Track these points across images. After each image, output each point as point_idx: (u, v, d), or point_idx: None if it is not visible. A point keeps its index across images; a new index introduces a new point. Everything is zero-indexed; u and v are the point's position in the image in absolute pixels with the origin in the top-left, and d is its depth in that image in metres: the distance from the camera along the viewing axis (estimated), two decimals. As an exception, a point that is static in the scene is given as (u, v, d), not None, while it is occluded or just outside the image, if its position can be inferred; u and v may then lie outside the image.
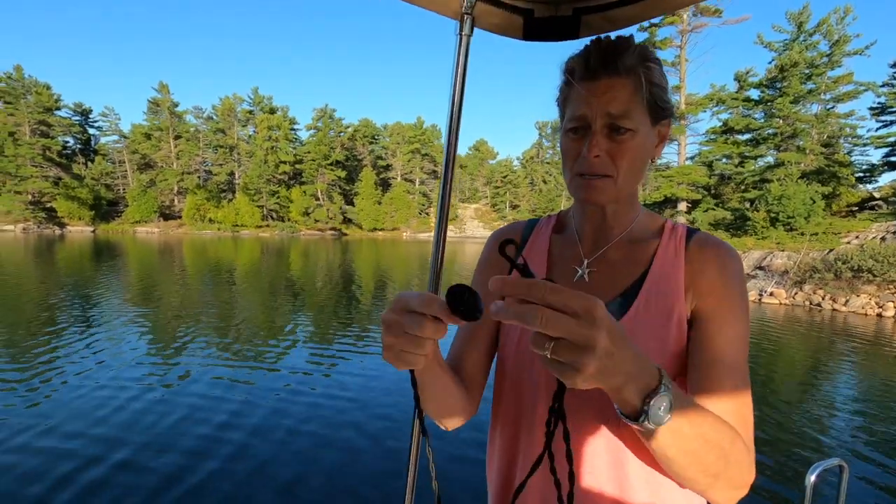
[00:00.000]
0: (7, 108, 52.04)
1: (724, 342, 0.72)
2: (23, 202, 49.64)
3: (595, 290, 0.80)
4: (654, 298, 0.76)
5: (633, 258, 0.82)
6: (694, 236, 0.81)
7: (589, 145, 0.73)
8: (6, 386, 5.37)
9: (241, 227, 55.51)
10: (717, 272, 0.76)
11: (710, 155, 31.08)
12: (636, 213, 0.86)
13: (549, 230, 0.93)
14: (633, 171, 0.76)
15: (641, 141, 0.75)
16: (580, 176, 0.76)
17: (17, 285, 13.74)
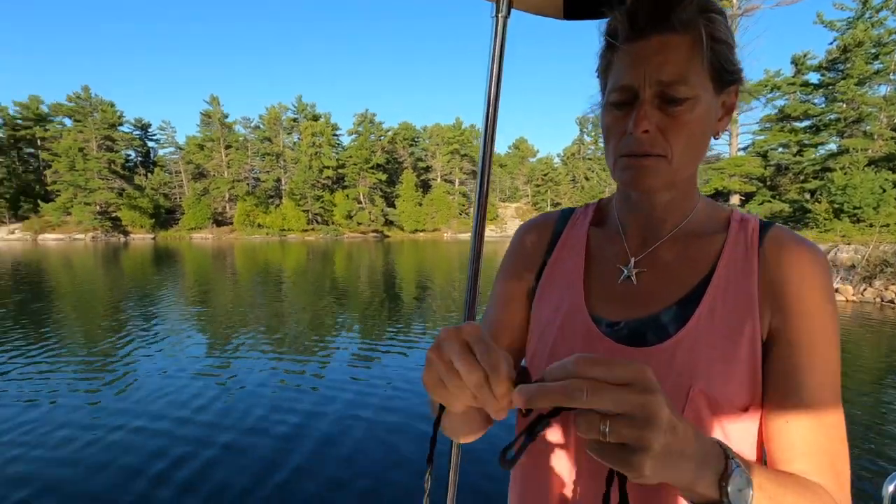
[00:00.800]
0: (77, 125, 56.36)
1: (818, 379, 0.58)
2: (92, 212, 53.45)
3: (645, 295, 0.68)
4: (721, 309, 0.62)
5: (691, 257, 0.67)
6: (769, 231, 0.66)
7: (636, 119, 0.59)
8: (94, 375, 5.81)
9: (287, 232, 57.45)
10: (803, 281, 0.61)
11: (764, 144, 29.47)
12: (694, 202, 0.70)
13: (588, 222, 0.79)
14: (691, 151, 0.62)
15: (702, 113, 0.60)
16: (626, 157, 0.62)
17: (90, 291, 14.81)
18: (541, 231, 0.81)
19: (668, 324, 0.64)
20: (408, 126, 68.33)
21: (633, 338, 0.65)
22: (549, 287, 0.75)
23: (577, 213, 0.81)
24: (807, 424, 0.58)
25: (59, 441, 4.20)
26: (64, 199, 53.28)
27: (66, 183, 53.32)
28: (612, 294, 0.70)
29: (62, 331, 8.71)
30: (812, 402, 0.58)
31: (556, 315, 0.71)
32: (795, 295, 0.61)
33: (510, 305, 0.79)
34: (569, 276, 0.74)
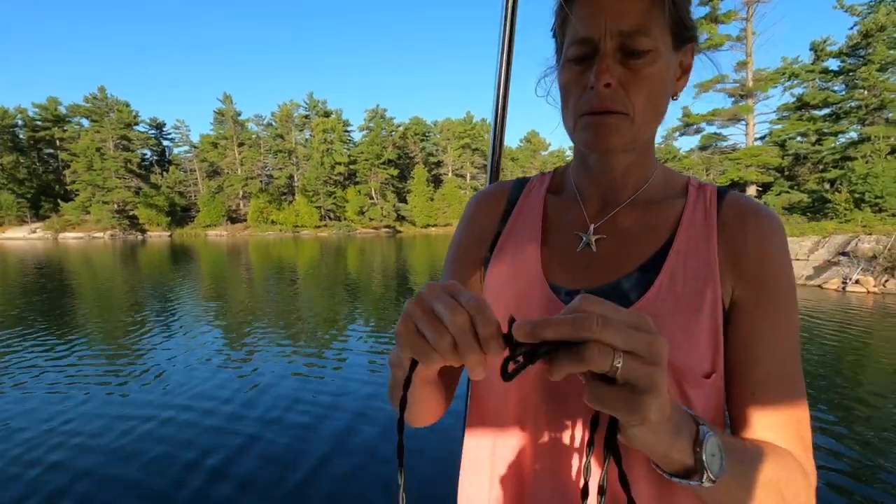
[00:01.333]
0: (94, 125, 57.41)
1: (778, 347, 0.58)
2: (110, 211, 54.48)
3: (605, 262, 0.65)
4: (682, 275, 0.60)
5: (651, 224, 0.66)
6: (726, 197, 0.65)
7: (597, 71, 0.56)
8: (122, 369, 5.97)
9: (301, 228, 57.94)
10: (762, 248, 0.60)
11: (782, 133, 28.90)
12: (652, 167, 0.68)
13: (544, 189, 0.76)
14: (652, 108, 0.59)
15: (663, 68, 0.58)
16: (587, 115, 0.59)
17: (109, 288, 15.14)
18: (494, 201, 0.78)
19: (629, 291, 0.62)
20: (419, 121, 68.28)
21: None
22: (503, 257, 0.72)
23: (532, 181, 0.78)
24: (773, 393, 0.57)
25: (94, 431, 4.33)
26: (83, 199, 54.41)
27: (84, 182, 54.42)
28: (572, 262, 0.67)
29: (88, 326, 8.93)
30: (776, 369, 0.58)
31: (511, 285, 0.68)
32: (755, 260, 0.60)
33: (463, 282, 0.75)
34: (525, 244, 0.70)
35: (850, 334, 8.83)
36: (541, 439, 0.63)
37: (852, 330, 9.26)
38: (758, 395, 0.58)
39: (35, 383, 5.67)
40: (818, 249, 16.66)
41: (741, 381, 0.59)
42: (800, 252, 16.71)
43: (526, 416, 0.63)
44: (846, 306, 11.73)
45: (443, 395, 0.69)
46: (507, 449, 0.66)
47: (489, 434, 0.69)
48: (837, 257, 16.10)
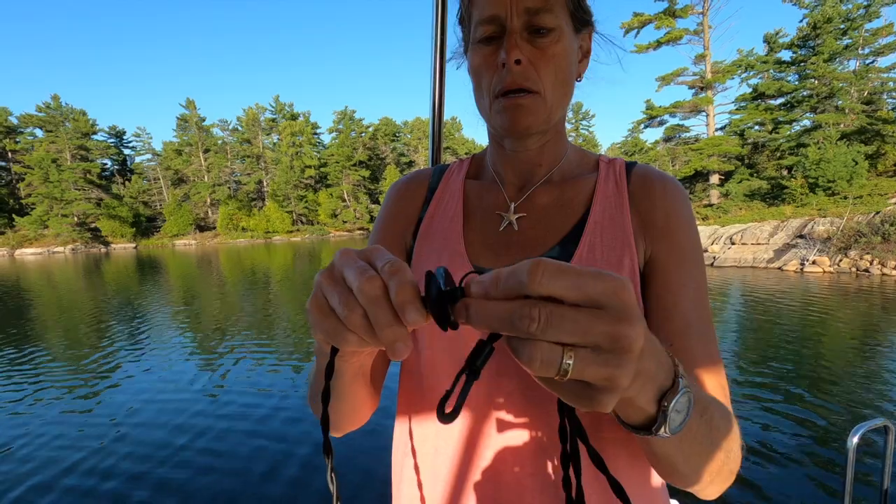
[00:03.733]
0: (48, 136, 54.91)
1: (690, 300, 0.61)
2: (70, 224, 52.28)
3: (527, 239, 0.67)
4: (600, 246, 0.63)
5: (568, 199, 0.68)
6: (634, 169, 0.69)
7: (507, 47, 0.58)
8: (81, 385, 5.76)
9: (272, 234, 56.88)
10: (668, 210, 0.64)
11: (741, 123, 29.92)
12: (565, 146, 0.72)
13: (462, 175, 0.77)
14: (561, 86, 0.62)
15: (567, 46, 0.61)
16: (502, 98, 0.61)
17: (72, 301, 14.57)
18: (414, 188, 0.79)
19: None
20: (388, 121, 67.89)
21: None
22: (427, 242, 0.72)
23: (451, 168, 0.80)
24: (691, 342, 0.59)
25: (53, 447, 4.18)
26: (40, 212, 51.95)
27: (40, 195, 51.95)
28: (495, 242, 0.68)
29: (48, 343, 8.58)
30: (691, 318, 0.60)
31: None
32: (663, 221, 0.64)
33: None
34: (447, 228, 0.71)
35: (810, 312, 9.25)
36: (488, 423, 0.60)
37: (815, 304, 9.71)
38: (676, 345, 0.59)
39: (-7, 404, 5.44)
40: (777, 233, 17.36)
41: (658, 333, 0.55)
42: (761, 236, 17.37)
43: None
44: (805, 286, 12.27)
45: (371, 389, 0.65)
46: (447, 437, 0.64)
47: (423, 422, 0.66)
48: (795, 240, 16.81)
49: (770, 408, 4.73)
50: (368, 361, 0.50)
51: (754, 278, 13.89)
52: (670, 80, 30.03)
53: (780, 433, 4.18)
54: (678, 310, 0.60)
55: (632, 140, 45.11)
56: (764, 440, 4.05)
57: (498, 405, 0.61)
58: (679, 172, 29.06)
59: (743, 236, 17.75)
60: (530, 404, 0.60)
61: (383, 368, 0.72)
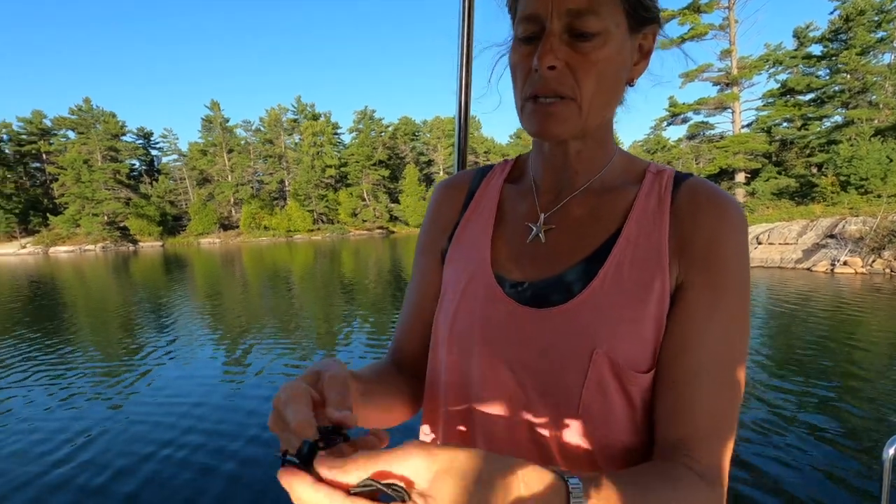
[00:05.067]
0: (80, 137, 56.84)
1: (713, 342, 0.55)
2: (100, 223, 53.96)
3: (552, 253, 0.64)
4: (629, 265, 0.58)
5: (602, 212, 0.63)
6: (684, 183, 0.62)
7: (541, 52, 0.54)
8: (112, 381, 5.99)
9: (294, 233, 57.70)
10: (712, 235, 0.57)
11: (768, 120, 29.19)
12: (610, 154, 0.66)
13: (502, 179, 0.75)
14: (603, 94, 0.57)
15: (614, 51, 0.56)
16: (532, 101, 0.58)
17: (103, 297, 15.07)
18: (455, 190, 0.77)
19: (572, 283, 0.60)
20: (408, 121, 68.17)
21: (535, 299, 0.61)
22: (457, 247, 0.71)
23: (494, 170, 0.77)
24: (698, 394, 0.54)
25: (85, 440, 4.36)
26: (72, 212, 53.84)
27: (73, 195, 53.83)
28: (520, 253, 0.66)
29: (81, 338, 8.91)
30: (707, 360, 0.54)
31: (461, 276, 0.68)
32: (703, 246, 0.57)
33: (427, 276, 0.75)
34: (477, 235, 0.70)
35: (842, 315, 8.99)
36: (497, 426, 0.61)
37: (844, 310, 9.42)
38: (678, 392, 0.54)
39: (29, 394, 5.68)
40: (806, 233, 16.88)
41: (667, 370, 0.55)
42: (789, 236, 16.92)
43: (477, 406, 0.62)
44: (836, 288, 11.92)
45: (395, 401, 0.68)
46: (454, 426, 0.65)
47: (438, 417, 0.68)
48: (825, 240, 16.32)
49: (798, 415, 4.63)
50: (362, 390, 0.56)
51: (782, 279, 13.55)
52: (694, 77, 29.44)
53: (811, 440, 4.09)
54: (692, 351, 0.54)
55: (654, 138, 44.38)
56: (793, 447, 3.98)
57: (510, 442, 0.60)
58: (703, 171, 28.50)
59: (770, 236, 17.32)
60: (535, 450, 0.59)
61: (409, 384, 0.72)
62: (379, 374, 0.69)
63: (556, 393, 0.57)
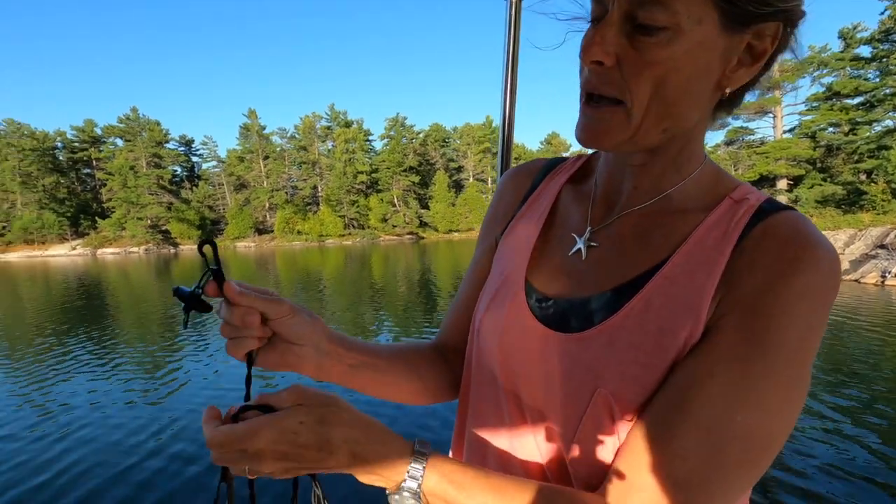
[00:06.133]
0: (127, 145, 59.79)
1: (731, 397, 0.44)
2: (144, 226, 56.50)
3: (587, 273, 0.57)
4: (660, 305, 0.49)
5: (654, 238, 0.54)
6: (770, 217, 0.49)
7: (585, 41, 0.47)
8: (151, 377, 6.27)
9: (325, 237, 58.82)
10: (771, 281, 0.45)
11: (812, 125, 28.04)
12: (688, 169, 0.55)
13: (566, 177, 0.67)
14: (664, 101, 0.47)
15: (684, 51, 0.45)
16: (584, 99, 0.51)
17: (145, 301, 15.75)
18: (520, 180, 0.73)
19: (595, 311, 0.54)
20: (438, 127, 68.69)
21: (556, 320, 0.57)
22: (506, 242, 0.69)
23: (562, 165, 0.71)
24: (682, 428, 0.45)
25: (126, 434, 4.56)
26: (118, 215, 56.62)
27: (119, 200, 56.66)
28: (557, 266, 0.61)
29: (124, 337, 9.34)
30: (707, 411, 0.44)
31: (498, 275, 0.66)
32: (756, 289, 0.46)
33: (479, 264, 0.74)
34: (524, 235, 0.66)
35: (893, 329, 8.51)
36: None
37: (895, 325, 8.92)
38: (652, 420, 0.47)
39: (77, 388, 5.99)
40: (854, 243, 16.10)
41: (650, 406, 0.48)
42: (835, 246, 16.16)
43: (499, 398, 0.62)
44: (888, 301, 11.30)
45: (406, 376, 0.69)
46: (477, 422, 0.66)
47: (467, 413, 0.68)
48: (875, 250, 15.51)
49: (844, 427, 4.41)
50: (358, 375, 0.63)
51: (827, 291, 12.92)
52: (733, 81, 28.55)
53: (859, 452, 3.91)
54: (691, 413, 0.45)
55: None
56: (839, 468, 3.80)
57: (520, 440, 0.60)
58: (742, 177, 27.55)
59: (814, 245, 16.57)
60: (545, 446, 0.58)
61: (433, 365, 0.73)
62: (398, 352, 0.70)
63: (555, 419, 0.54)
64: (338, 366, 0.61)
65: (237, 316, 0.51)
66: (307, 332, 0.57)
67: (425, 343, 0.75)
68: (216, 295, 0.51)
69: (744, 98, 0.54)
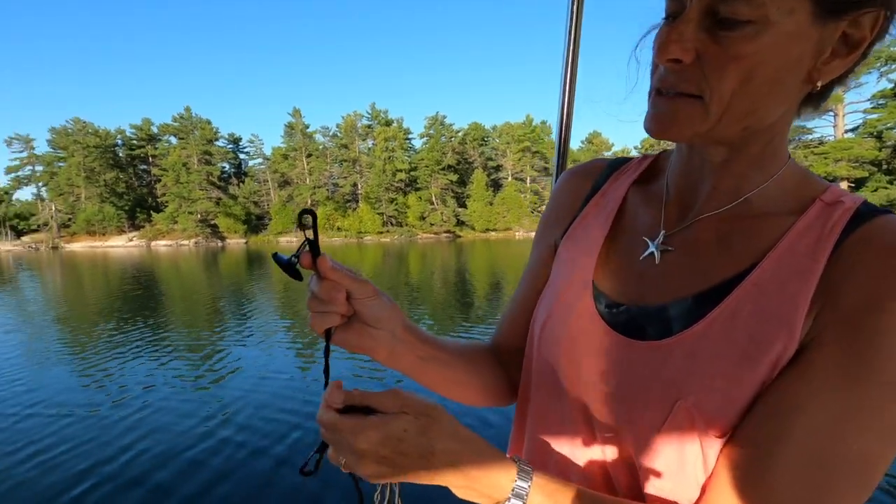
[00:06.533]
0: (181, 143, 62.93)
1: (832, 418, 0.42)
2: (194, 221, 59.31)
3: (663, 279, 0.55)
4: (748, 315, 0.46)
5: (737, 243, 0.51)
6: (869, 222, 0.45)
7: (663, 39, 0.45)
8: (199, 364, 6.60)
9: (364, 234, 59.91)
10: (878, 296, 0.42)
11: (878, 124, 26.21)
12: (772, 169, 0.52)
13: (633, 178, 0.65)
14: (749, 96, 0.44)
15: (772, 44, 0.42)
16: (655, 93, 0.48)
17: (192, 290, 16.53)
18: (581, 181, 0.70)
19: (674, 319, 0.51)
20: (477, 126, 68.57)
21: (629, 326, 0.54)
22: (567, 247, 0.66)
23: (627, 165, 0.67)
24: (785, 458, 0.42)
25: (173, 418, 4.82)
26: (171, 210, 59.72)
27: (172, 195, 59.77)
28: (628, 271, 0.58)
29: (175, 327, 9.85)
30: (810, 435, 0.42)
31: (562, 279, 0.64)
32: (860, 305, 0.42)
33: (536, 268, 0.72)
34: (588, 239, 0.63)
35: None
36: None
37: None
38: (752, 452, 0.44)
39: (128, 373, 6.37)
40: (923, 251, 14.95)
41: (744, 430, 0.45)
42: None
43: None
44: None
45: (471, 376, 0.69)
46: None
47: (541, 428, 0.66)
48: (948, 259, 14.36)
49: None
50: (393, 350, 0.61)
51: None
52: (790, 77, 27.10)
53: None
54: (787, 417, 0.43)
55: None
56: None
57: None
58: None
59: (877, 253, 15.53)
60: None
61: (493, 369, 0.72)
62: (462, 350, 0.70)
63: (627, 430, 0.52)
64: (409, 355, 0.61)
65: (325, 290, 0.53)
66: (385, 316, 0.58)
67: (483, 344, 0.75)
68: (309, 267, 0.52)
69: (833, 91, 0.50)
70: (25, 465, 3.82)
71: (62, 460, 3.88)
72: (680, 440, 0.48)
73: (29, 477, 3.65)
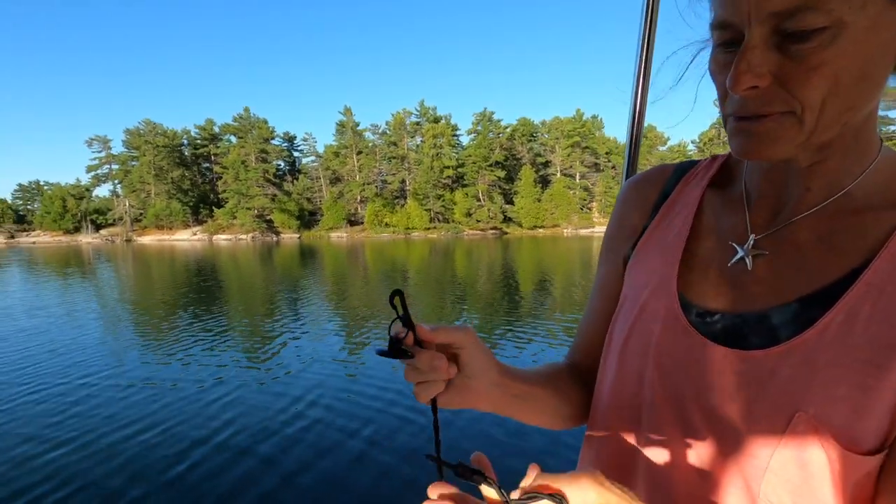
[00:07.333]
0: (239, 141, 66.24)
1: None
2: (251, 216, 62.34)
3: (759, 284, 0.51)
4: (868, 318, 0.43)
5: (840, 241, 0.48)
6: None
7: (733, 73, 0.42)
8: (256, 356, 6.98)
9: (412, 230, 60.74)
10: None
11: (975, 112, 23.64)
12: (866, 161, 0.49)
13: (706, 181, 0.61)
14: (840, 97, 0.42)
15: (853, 41, 0.39)
16: (734, 119, 0.46)
17: (251, 283, 17.41)
18: (647, 188, 0.67)
19: (779, 326, 0.48)
20: (526, 122, 67.74)
21: (727, 335, 0.51)
22: (640, 259, 0.62)
23: (695, 169, 0.64)
24: None
25: (242, 405, 5.13)
26: (231, 206, 63.06)
27: (232, 191, 63.09)
28: (717, 278, 0.54)
29: (232, 317, 10.44)
30: None
31: (641, 288, 0.59)
32: None
33: (606, 285, 0.68)
34: (666, 248, 0.59)
35: None
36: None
37: None
38: None
39: (186, 359, 6.81)
40: None
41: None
42: None
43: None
44: None
45: (559, 402, 0.67)
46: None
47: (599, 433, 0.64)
48: None
49: None
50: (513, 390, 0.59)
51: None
52: (870, 63, 24.94)
53: None
54: None
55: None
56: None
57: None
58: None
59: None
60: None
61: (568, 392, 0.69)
62: (547, 377, 0.67)
63: (735, 451, 0.48)
64: (503, 397, 0.58)
65: (425, 361, 0.49)
66: (484, 367, 0.55)
67: (563, 365, 0.73)
68: (412, 344, 0.51)
69: None
70: (146, 434, 4.28)
71: (176, 432, 4.33)
72: (801, 454, 0.44)
73: (154, 443, 4.11)
